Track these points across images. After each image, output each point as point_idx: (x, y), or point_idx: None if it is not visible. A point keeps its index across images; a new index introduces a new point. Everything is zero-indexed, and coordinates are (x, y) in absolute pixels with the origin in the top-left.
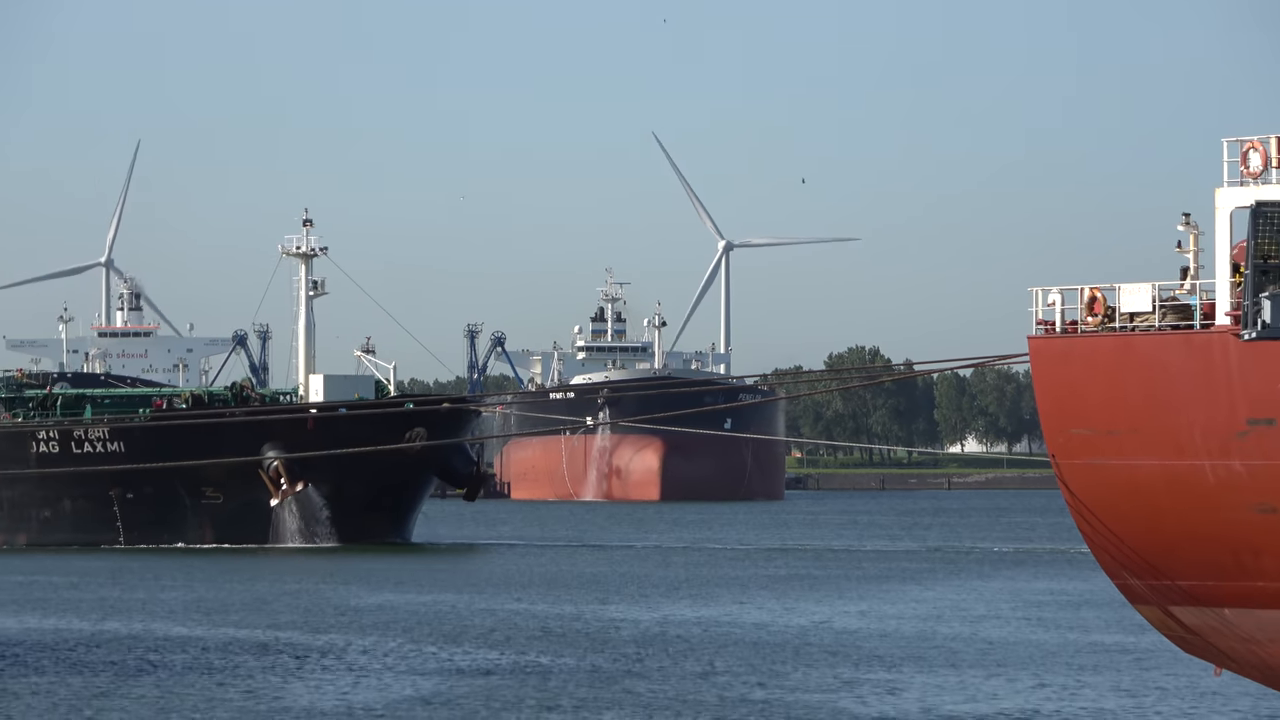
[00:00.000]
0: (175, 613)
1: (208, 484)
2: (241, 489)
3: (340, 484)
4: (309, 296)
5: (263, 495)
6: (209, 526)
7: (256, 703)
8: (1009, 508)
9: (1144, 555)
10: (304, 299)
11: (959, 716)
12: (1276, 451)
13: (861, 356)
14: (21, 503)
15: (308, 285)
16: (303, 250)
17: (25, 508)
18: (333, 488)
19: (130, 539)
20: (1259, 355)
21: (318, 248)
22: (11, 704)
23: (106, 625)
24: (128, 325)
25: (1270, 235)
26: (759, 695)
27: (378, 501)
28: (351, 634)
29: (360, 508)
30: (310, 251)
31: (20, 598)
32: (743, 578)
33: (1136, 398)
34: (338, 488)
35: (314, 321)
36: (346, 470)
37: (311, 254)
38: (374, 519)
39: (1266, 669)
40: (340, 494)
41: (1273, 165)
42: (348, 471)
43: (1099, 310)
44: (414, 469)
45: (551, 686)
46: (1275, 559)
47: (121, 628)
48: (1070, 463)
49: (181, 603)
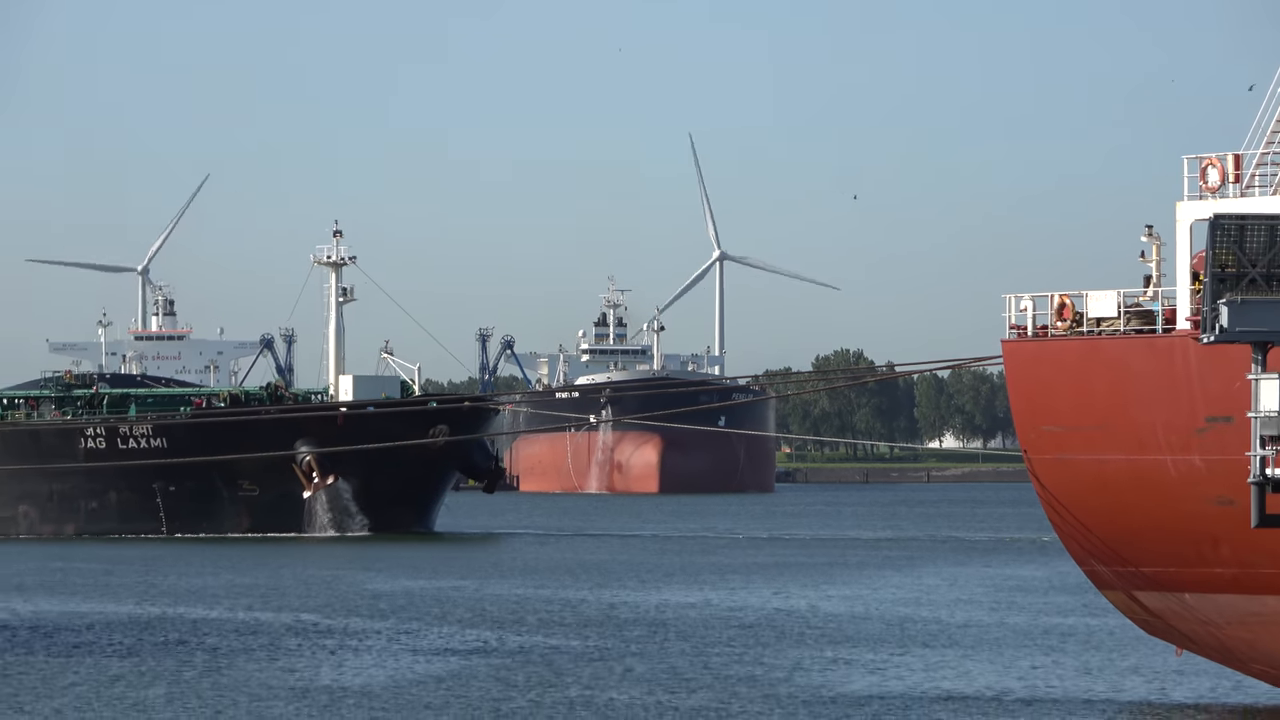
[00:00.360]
0: (218, 597)
1: (244, 477)
2: (276, 482)
3: (368, 477)
4: (339, 303)
5: (296, 488)
6: (245, 517)
7: (290, 677)
8: (984, 500)
9: (1110, 544)
10: (334, 305)
11: (937, 694)
12: (1234, 447)
13: (846, 358)
14: (70, 495)
15: (337, 292)
16: (333, 259)
17: (74, 499)
18: (361, 481)
19: (172, 529)
20: (1217, 357)
21: (347, 257)
22: (61, 680)
23: (147, 609)
24: (162, 330)
25: (1227, 246)
26: (747, 673)
27: (403, 493)
28: (375, 618)
29: (387, 499)
30: (340, 260)
31: (62, 582)
32: (733, 564)
33: (1103, 397)
34: (366, 481)
35: (343, 326)
36: (374, 464)
37: (341, 263)
38: (400, 510)
39: (1224, 650)
40: (368, 486)
41: (1229, 180)
42: (375, 465)
43: (1068, 315)
44: (437, 463)
45: (558, 665)
46: (1232, 548)
47: (165, 610)
48: (1041, 457)
49: (223, 587)
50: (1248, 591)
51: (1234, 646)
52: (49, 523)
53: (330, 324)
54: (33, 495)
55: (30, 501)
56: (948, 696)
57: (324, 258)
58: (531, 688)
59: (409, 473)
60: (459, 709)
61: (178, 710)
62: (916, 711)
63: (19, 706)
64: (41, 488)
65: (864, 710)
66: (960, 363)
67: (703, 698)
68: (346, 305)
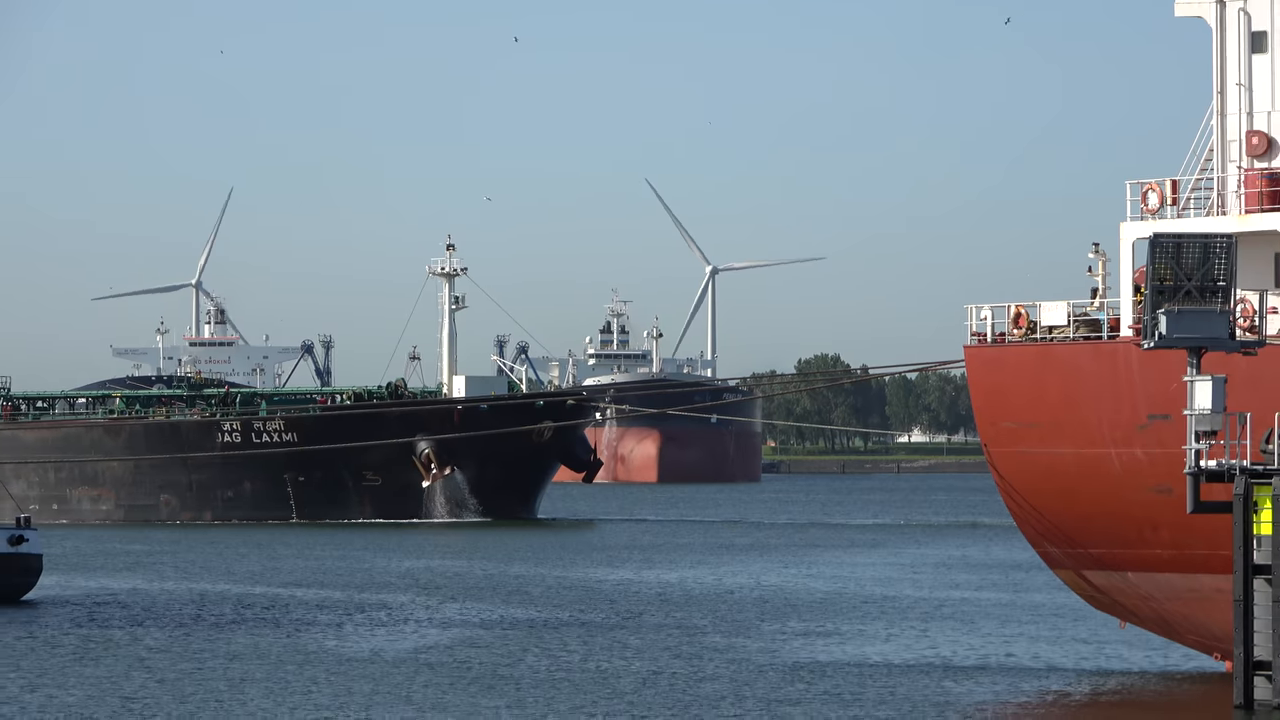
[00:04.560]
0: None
1: (368, 468)
2: (397, 472)
3: (481, 468)
4: (451, 310)
5: (415, 478)
6: (369, 504)
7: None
8: (948, 488)
9: (1061, 528)
10: (447, 311)
11: (902, 662)
12: (1171, 441)
13: (825, 362)
14: (208, 485)
15: (450, 300)
16: (446, 270)
17: (211, 489)
18: (475, 471)
19: (301, 515)
20: (1156, 361)
21: (459, 268)
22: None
23: (275, 589)
24: (214, 336)
25: (1165, 261)
26: (729, 643)
27: (512, 483)
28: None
29: (497, 488)
30: (453, 271)
31: (273, 569)
32: (722, 544)
33: (1054, 397)
34: (479, 471)
35: (456, 331)
36: (486, 456)
37: (454, 273)
38: (508, 498)
39: (1162, 622)
40: (481, 476)
41: (1167, 203)
42: (487, 457)
43: (1023, 324)
44: (542, 455)
45: (558, 636)
46: (1170, 531)
47: (292, 592)
48: (999, 450)
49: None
50: (1184, 570)
51: (1171, 619)
52: (188, 510)
53: (444, 329)
54: (173, 485)
55: (171, 491)
56: (913, 665)
57: (438, 269)
58: (530, 655)
59: (517, 464)
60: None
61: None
62: (904, 680)
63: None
64: (181, 478)
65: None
66: (927, 366)
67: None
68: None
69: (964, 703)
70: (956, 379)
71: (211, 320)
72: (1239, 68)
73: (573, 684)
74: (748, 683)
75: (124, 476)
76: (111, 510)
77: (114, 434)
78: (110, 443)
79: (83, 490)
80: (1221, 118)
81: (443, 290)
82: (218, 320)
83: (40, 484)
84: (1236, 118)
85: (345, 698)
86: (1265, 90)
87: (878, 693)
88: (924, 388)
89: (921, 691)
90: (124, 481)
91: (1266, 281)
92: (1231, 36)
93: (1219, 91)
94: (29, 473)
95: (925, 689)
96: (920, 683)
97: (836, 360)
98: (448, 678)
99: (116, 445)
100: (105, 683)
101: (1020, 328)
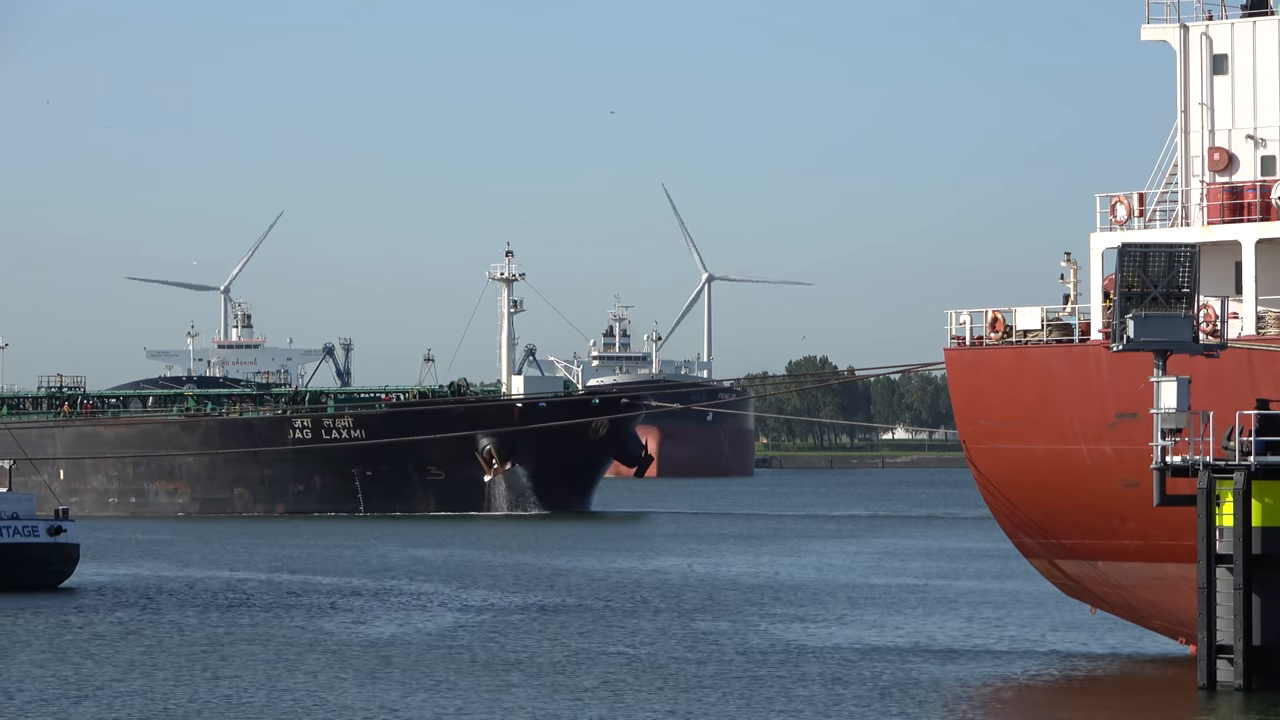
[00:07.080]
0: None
1: (432, 463)
2: (460, 467)
3: (539, 463)
4: (510, 313)
5: (477, 472)
6: (433, 498)
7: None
8: (929, 481)
9: (1035, 519)
10: (505, 314)
11: (886, 646)
12: (1139, 438)
13: (814, 363)
14: (279, 479)
15: (508, 304)
16: (505, 276)
17: (282, 483)
18: (534, 466)
19: (369, 508)
20: (1124, 363)
21: (517, 273)
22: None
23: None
24: (240, 340)
25: (1133, 269)
26: (724, 627)
27: (568, 477)
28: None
29: (554, 482)
30: (511, 277)
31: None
32: (717, 534)
33: (1029, 396)
34: (538, 465)
35: (514, 333)
36: (545, 451)
37: (512, 279)
38: (565, 491)
39: (1130, 608)
40: (539, 471)
41: (1135, 215)
42: (545, 452)
43: (999, 328)
44: (597, 451)
45: (561, 621)
46: (1137, 522)
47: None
48: (977, 447)
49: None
50: (1150, 560)
51: (1139, 606)
52: (260, 503)
53: (502, 331)
54: (246, 479)
55: (244, 484)
56: (893, 648)
57: (497, 274)
58: (532, 636)
59: (573, 459)
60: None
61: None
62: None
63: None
64: (254, 472)
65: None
66: (910, 367)
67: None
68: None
69: (940, 684)
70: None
71: (239, 325)
72: (1201, 88)
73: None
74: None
75: (199, 471)
76: (187, 503)
77: (190, 430)
78: (186, 439)
79: (160, 484)
80: (1185, 135)
81: (501, 294)
82: (244, 324)
83: (119, 478)
84: (1199, 135)
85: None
86: (1226, 109)
87: (859, 674)
88: (907, 388)
89: (895, 673)
90: (199, 476)
91: (1227, 288)
92: (1194, 59)
93: (1183, 110)
94: (108, 467)
95: (902, 671)
96: (897, 665)
97: (825, 362)
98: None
99: (192, 441)
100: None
101: (997, 331)
